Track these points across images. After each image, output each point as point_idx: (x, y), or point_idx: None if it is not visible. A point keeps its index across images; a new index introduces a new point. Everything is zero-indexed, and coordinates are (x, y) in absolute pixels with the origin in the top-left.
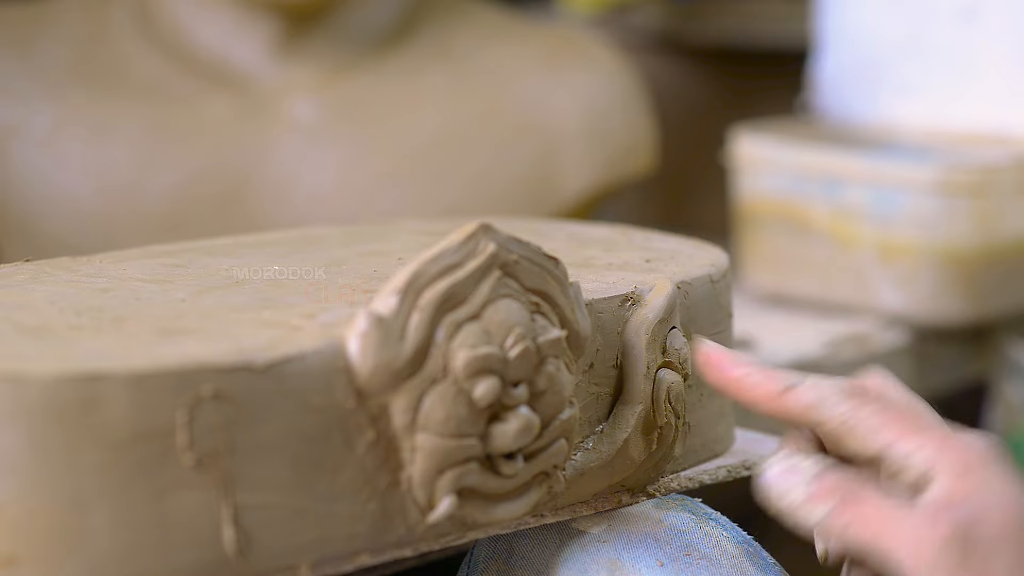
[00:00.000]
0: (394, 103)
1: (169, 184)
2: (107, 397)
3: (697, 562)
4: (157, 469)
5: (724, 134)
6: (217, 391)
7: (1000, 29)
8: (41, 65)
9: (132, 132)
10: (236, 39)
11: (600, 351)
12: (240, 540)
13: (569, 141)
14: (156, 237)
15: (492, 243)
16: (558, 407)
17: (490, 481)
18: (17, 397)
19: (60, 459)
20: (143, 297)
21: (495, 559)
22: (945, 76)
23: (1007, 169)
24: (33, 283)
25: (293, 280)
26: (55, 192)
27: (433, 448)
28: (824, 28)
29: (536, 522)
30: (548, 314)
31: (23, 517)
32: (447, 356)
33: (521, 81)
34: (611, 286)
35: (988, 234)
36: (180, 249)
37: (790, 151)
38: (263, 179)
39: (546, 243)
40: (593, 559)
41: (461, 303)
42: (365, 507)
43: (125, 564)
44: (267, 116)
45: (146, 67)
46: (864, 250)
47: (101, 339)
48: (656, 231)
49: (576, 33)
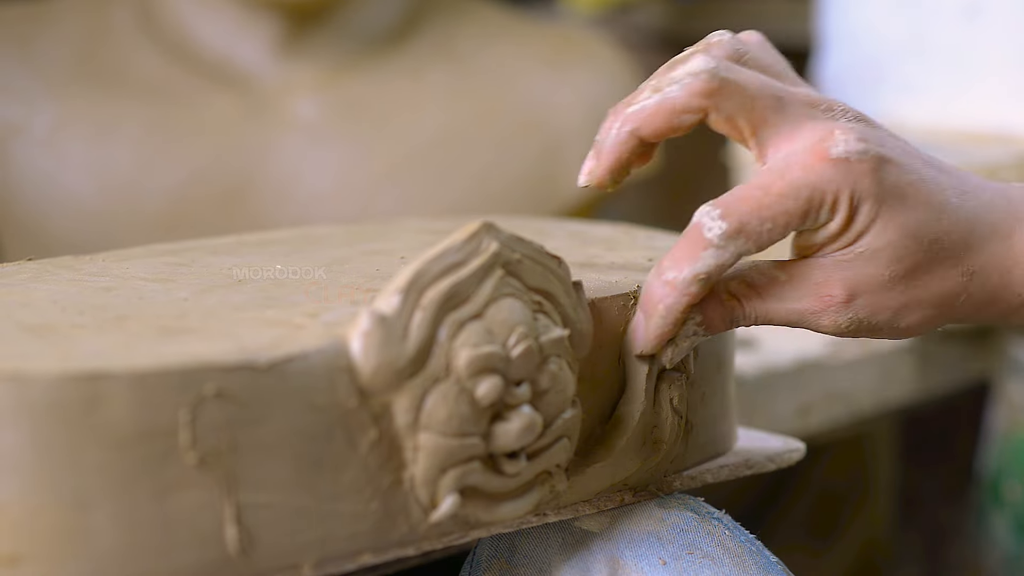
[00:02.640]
0: (396, 102)
1: (171, 183)
2: (109, 396)
3: (699, 561)
4: (160, 468)
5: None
6: (220, 390)
7: (1003, 28)
8: (43, 65)
9: (134, 131)
10: (238, 38)
11: (602, 351)
12: (243, 539)
13: (571, 140)
14: (158, 236)
15: (495, 242)
16: (560, 406)
17: (492, 480)
18: (20, 396)
19: (62, 458)
20: (146, 296)
21: (498, 558)
22: (948, 75)
23: (1009, 168)
24: (36, 282)
25: (295, 279)
26: (57, 191)
27: (436, 447)
28: (827, 27)
29: (539, 521)
30: (550, 313)
31: (25, 516)
32: (449, 355)
33: (523, 80)
34: (613, 285)
35: None
36: (182, 248)
37: None
38: (265, 178)
39: (548, 242)
40: (595, 558)
41: (464, 302)
42: (368, 506)
43: (128, 563)
44: (269, 115)
45: (148, 66)
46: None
47: (104, 338)
48: (659, 230)
49: (578, 32)
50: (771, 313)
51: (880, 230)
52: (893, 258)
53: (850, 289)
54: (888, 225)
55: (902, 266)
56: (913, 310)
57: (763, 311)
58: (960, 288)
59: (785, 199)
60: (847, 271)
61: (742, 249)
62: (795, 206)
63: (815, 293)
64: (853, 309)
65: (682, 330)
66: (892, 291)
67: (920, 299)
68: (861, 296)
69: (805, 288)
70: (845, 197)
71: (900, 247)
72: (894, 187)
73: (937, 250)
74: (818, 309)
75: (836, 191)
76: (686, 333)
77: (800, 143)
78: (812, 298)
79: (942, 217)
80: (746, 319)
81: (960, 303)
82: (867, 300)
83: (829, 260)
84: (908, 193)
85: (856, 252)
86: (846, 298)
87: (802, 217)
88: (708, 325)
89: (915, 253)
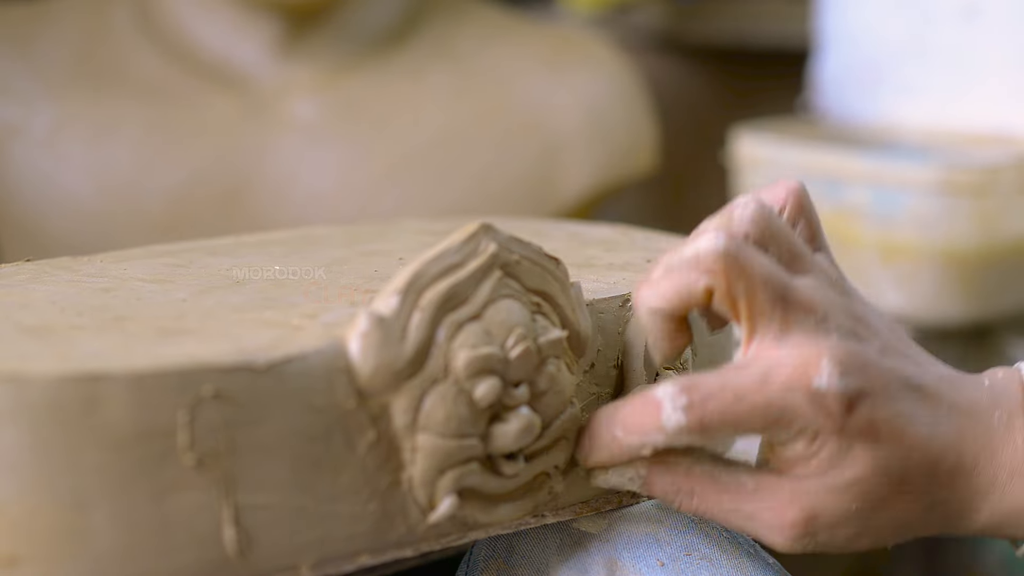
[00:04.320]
0: (395, 103)
1: (170, 184)
2: (108, 397)
3: (697, 562)
4: (158, 469)
5: (725, 134)
6: (218, 391)
7: (1001, 29)
8: (42, 65)
9: (133, 132)
10: (237, 39)
11: (601, 351)
12: (241, 540)
13: (570, 141)
14: (157, 237)
15: (493, 243)
16: (559, 407)
17: (491, 481)
18: (18, 397)
19: (61, 459)
20: (144, 297)
21: (495, 558)
22: (946, 76)
23: (1008, 169)
24: (34, 283)
25: (294, 280)
26: (56, 192)
27: (434, 448)
28: (825, 28)
29: (537, 522)
30: (549, 314)
31: (24, 517)
32: (448, 356)
33: (522, 81)
34: (612, 286)
35: (989, 234)
36: (181, 249)
37: (791, 151)
38: (264, 179)
39: (547, 243)
40: (593, 559)
41: (462, 303)
42: (366, 507)
43: (126, 564)
44: (268, 116)
45: (147, 67)
46: (865, 250)
47: (102, 339)
48: (657, 231)
49: (577, 33)
50: (726, 514)
51: (849, 465)
52: (860, 493)
53: (812, 516)
54: (858, 461)
55: (868, 501)
56: (869, 537)
57: (717, 506)
58: (919, 518)
59: (754, 412)
60: (813, 499)
61: (695, 442)
62: (762, 424)
63: (776, 512)
64: (810, 535)
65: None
66: (853, 521)
67: (878, 528)
68: (821, 523)
69: (768, 504)
70: (812, 430)
71: (869, 483)
72: (868, 425)
73: (903, 485)
74: (775, 529)
75: (805, 424)
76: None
77: (787, 358)
78: (771, 516)
79: (912, 454)
80: (690, 501)
81: (917, 529)
82: (826, 529)
83: (798, 484)
84: (881, 431)
85: (825, 483)
86: (805, 524)
87: (765, 431)
88: (649, 485)
89: (882, 488)
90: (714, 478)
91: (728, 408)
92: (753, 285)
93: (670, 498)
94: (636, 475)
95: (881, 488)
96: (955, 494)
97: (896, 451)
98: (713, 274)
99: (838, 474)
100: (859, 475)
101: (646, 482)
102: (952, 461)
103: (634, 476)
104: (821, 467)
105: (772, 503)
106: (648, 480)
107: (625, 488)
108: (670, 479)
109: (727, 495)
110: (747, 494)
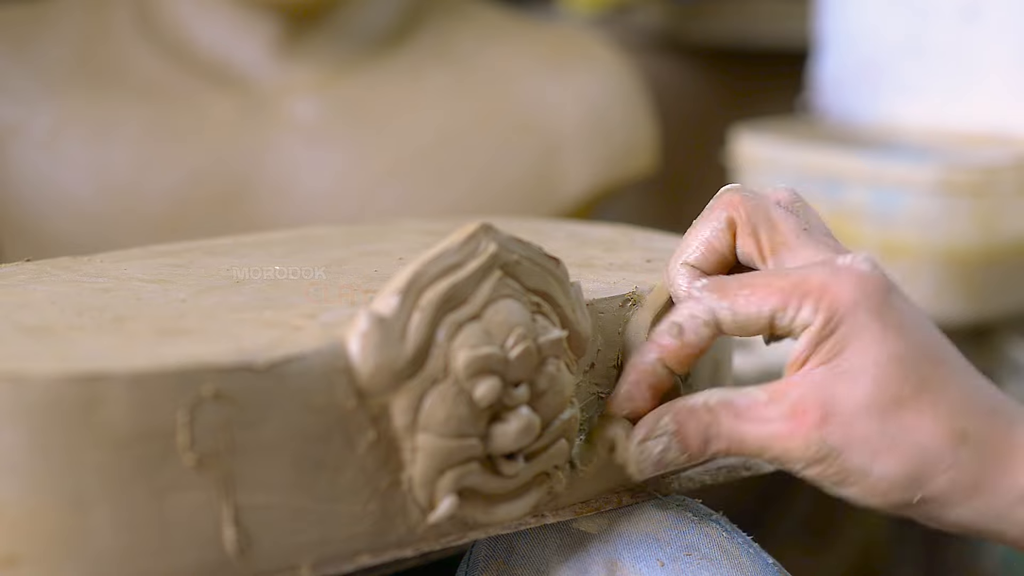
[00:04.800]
0: (394, 103)
1: (169, 184)
2: (108, 397)
3: (697, 562)
4: (158, 469)
5: (725, 134)
6: (218, 391)
7: (1001, 29)
8: (41, 65)
9: (132, 132)
10: (236, 39)
11: (601, 351)
12: (241, 540)
13: (570, 141)
14: (156, 237)
15: (493, 243)
16: (559, 407)
17: (491, 481)
18: (18, 397)
19: (61, 459)
20: (144, 297)
21: (495, 558)
22: (946, 76)
23: (1007, 169)
24: (34, 283)
25: (294, 280)
26: (56, 192)
27: (434, 448)
28: (825, 28)
29: (537, 522)
30: (549, 314)
31: (24, 517)
32: (448, 356)
33: (522, 81)
34: (612, 286)
35: (989, 234)
36: (181, 249)
37: (791, 151)
38: (263, 179)
39: (547, 243)
40: (593, 559)
41: (462, 303)
42: (366, 507)
43: (126, 564)
44: (267, 116)
45: (146, 67)
46: (865, 250)
47: (102, 339)
48: (657, 231)
49: (577, 33)
50: (745, 436)
51: (865, 347)
52: (873, 381)
53: (825, 407)
54: (874, 346)
55: (882, 394)
56: (888, 457)
57: (738, 433)
58: (947, 450)
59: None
60: (825, 390)
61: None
62: (783, 300)
63: (790, 412)
64: (825, 433)
65: (655, 431)
66: (868, 421)
67: (898, 444)
68: (836, 417)
69: (782, 407)
70: (831, 297)
71: (884, 372)
72: (894, 311)
73: (924, 392)
74: (791, 431)
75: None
76: (659, 440)
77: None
78: (787, 419)
79: (929, 353)
80: (719, 439)
81: (944, 472)
82: (841, 425)
83: (809, 378)
84: (906, 325)
85: (837, 370)
86: (820, 418)
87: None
88: (682, 438)
89: (899, 383)
90: (731, 403)
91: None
92: (773, 216)
93: (701, 444)
94: (668, 434)
95: (898, 382)
96: (993, 432)
97: (918, 351)
98: (732, 205)
99: (852, 357)
100: (875, 359)
101: (678, 432)
102: (988, 396)
103: (667, 437)
104: (834, 350)
105: (786, 405)
106: (680, 430)
107: (668, 459)
108: (695, 421)
109: (748, 423)
110: (762, 407)
